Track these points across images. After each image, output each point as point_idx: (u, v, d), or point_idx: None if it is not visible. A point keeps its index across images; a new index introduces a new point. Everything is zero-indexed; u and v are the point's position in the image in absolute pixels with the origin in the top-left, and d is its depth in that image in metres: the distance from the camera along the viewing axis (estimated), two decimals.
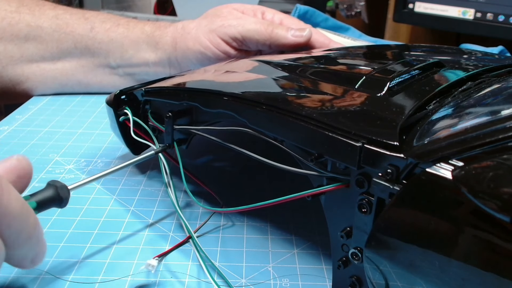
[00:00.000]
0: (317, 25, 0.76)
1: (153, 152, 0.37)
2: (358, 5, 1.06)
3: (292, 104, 0.30)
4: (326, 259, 0.34)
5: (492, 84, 0.33)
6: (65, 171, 0.45)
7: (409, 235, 0.22)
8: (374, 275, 0.25)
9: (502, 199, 0.19)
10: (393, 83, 0.31)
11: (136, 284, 0.31)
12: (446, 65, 0.36)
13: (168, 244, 0.35)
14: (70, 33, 0.59)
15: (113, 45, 0.59)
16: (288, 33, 0.54)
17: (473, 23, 0.81)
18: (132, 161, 0.36)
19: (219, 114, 0.34)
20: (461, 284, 0.21)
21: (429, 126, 0.26)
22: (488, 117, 0.25)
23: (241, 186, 0.44)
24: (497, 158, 0.21)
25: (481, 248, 0.20)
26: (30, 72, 0.60)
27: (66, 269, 0.32)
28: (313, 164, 0.28)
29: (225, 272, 0.32)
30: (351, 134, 0.25)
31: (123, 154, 0.48)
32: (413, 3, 0.87)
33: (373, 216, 0.25)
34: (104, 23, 0.60)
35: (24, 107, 0.59)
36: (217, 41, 0.56)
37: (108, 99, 0.42)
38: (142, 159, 0.37)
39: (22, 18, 0.58)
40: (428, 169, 0.22)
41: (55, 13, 0.59)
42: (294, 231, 0.37)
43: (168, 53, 0.59)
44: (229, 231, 0.37)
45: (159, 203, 0.40)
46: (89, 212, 0.38)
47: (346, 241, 0.27)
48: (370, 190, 0.25)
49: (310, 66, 0.39)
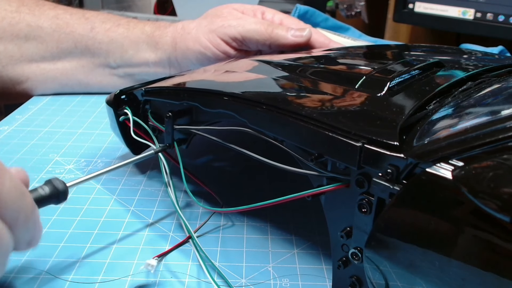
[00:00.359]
0: (317, 25, 0.76)
1: (153, 151, 0.37)
2: (358, 5, 1.06)
3: (292, 104, 0.30)
4: (326, 259, 0.34)
5: (492, 84, 0.33)
6: (65, 171, 0.45)
7: (409, 235, 0.22)
8: (374, 275, 0.25)
9: (502, 199, 0.19)
10: (393, 83, 0.31)
11: (136, 284, 0.31)
12: (446, 65, 0.36)
13: (168, 244, 0.35)
14: (70, 33, 0.59)
15: (113, 45, 0.59)
16: (288, 33, 0.54)
17: (473, 23, 0.81)
18: (131, 160, 0.36)
19: (219, 114, 0.34)
20: (461, 284, 0.21)
21: (429, 126, 0.26)
22: (488, 117, 0.25)
23: (241, 186, 0.44)
24: (497, 158, 0.21)
25: (481, 248, 0.20)
26: (30, 72, 0.60)
27: (66, 269, 0.32)
28: (313, 164, 0.28)
29: (225, 272, 0.32)
30: (351, 134, 0.25)
31: (123, 154, 0.48)
32: (413, 3, 0.87)
33: (373, 216, 0.25)
34: (104, 23, 0.60)
35: (24, 107, 0.59)
36: (217, 41, 0.56)
37: (108, 99, 0.42)
38: (141, 158, 0.37)
39: (22, 18, 0.58)
40: (428, 169, 0.22)
41: (55, 13, 0.59)
42: (294, 231, 0.37)
43: (168, 53, 0.59)
44: (229, 231, 0.37)
45: (159, 203, 0.40)
46: (89, 212, 0.38)
47: (346, 241, 0.27)
48: (370, 190, 0.25)
49: (310, 66, 0.39)
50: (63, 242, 0.35)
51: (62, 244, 0.34)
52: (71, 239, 0.35)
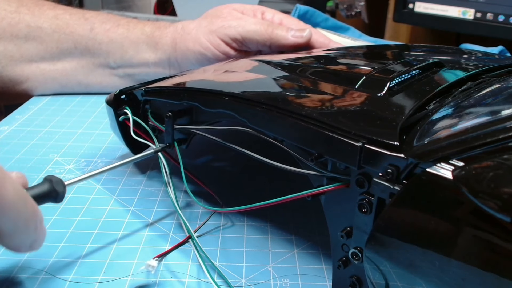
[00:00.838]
0: (317, 25, 0.76)
1: (152, 151, 0.37)
2: (358, 5, 1.06)
3: (292, 104, 0.30)
4: (326, 259, 0.34)
5: (492, 84, 0.33)
6: (65, 171, 0.45)
7: (410, 235, 0.22)
8: (374, 275, 0.25)
9: (502, 199, 0.19)
10: (393, 83, 0.31)
11: (136, 284, 0.31)
12: (446, 65, 0.36)
13: (168, 244, 0.35)
14: (70, 34, 0.59)
15: (113, 45, 0.59)
16: (288, 33, 0.54)
17: (473, 23, 0.81)
18: (131, 159, 0.36)
19: (219, 114, 0.34)
20: (461, 284, 0.21)
21: (429, 126, 0.26)
22: (489, 117, 0.25)
23: (241, 186, 0.43)
24: (497, 158, 0.20)
25: (482, 248, 0.20)
26: (30, 72, 0.60)
27: (66, 269, 0.32)
28: (313, 164, 0.28)
29: (225, 272, 0.32)
30: (351, 134, 0.25)
31: (123, 154, 0.48)
32: (413, 3, 0.87)
33: (373, 216, 0.25)
34: (104, 24, 0.60)
35: (24, 107, 0.59)
36: (217, 42, 0.56)
37: (108, 98, 0.42)
38: (141, 157, 0.37)
39: (21, 19, 0.58)
40: (429, 169, 0.22)
41: (54, 14, 0.59)
42: (294, 231, 0.37)
43: (168, 54, 0.59)
44: (229, 231, 0.37)
45: (159, 203, 0.40)
46: (89, 212, 0.38)
47: (346, 241, 0.27)
48: (370, 190, 0.25)
49: (310, 66, 0.39)
50: (63, 242, 0.35)
51: (62, 244, 0.34)
52: (71, 239, 0.35)
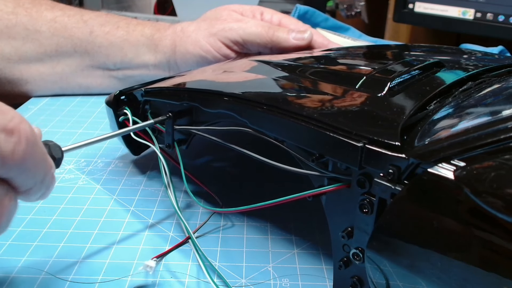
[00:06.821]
0: (317, 25, 0.76)
1: (152, 121, 0.37)
2: (358, 5, 1.06)
3: (293, 104, 0.29)
4: (326, 259, 0.34)
5: (493, 84, 0.33)
6: (65, 171, 0.44)
7: (411, 235, 0.22)
8: (375, 275, 0.25)
9: (504, 199, 0.19)
10: (394, 83, 0.31)
11: (136, 284, 0.31)
12: (446, 65, 0.36)
13: (168, 244, 0.35)
14: (69, 38, 0.58)
15: (112, 48, 0.59)
16: (290, 36, 0.54)
17: (473, 23, 0.81)
18: (128, 129, 0.36)
19: (219, 114, 0.34)
20: (462, 284, 0.20)
21: (430, 126, 0.26)
22: (489, 117, 0.25)
23: (241, 186, 0.43)
24: (499, 158, 0.20)
25: (484, 249, 0.20)
26: (29, 75, 0.59)
27: (66, 269, 0.32)
28: (314, 164, 0.28)
29: (225, 272, 0.32)
30: (352, 134, 0.25)
31: (123, 154, 0.48)
32: (413, 3, 0.87)
33: (374, 216, 0.25)
34: (103, 26, 0.59)
35: (24, 107, 0.59)
36: (218, 45, 0.55)
37: (107, 99, 0.42)
38: (139, 127, 0.37)
39: (19, 21, 0.57)
40: (430, 169, 0.22)
41: (53, 16, 0.58)
42: (294, 231, 0.37)
43: (167, 56, 0.58)
44: (229, 231, 0.37)
45: (159, 203, 0.40)
46: (89, 212, 0.38)
47: (347, 241, 0.27)
48: (372, 190, 0.25)
49: (310, 66, 0.39)
50: (63, 242, 0.35)
51: (62, 244, 0.34)
52: (71, 239, 0.35)
